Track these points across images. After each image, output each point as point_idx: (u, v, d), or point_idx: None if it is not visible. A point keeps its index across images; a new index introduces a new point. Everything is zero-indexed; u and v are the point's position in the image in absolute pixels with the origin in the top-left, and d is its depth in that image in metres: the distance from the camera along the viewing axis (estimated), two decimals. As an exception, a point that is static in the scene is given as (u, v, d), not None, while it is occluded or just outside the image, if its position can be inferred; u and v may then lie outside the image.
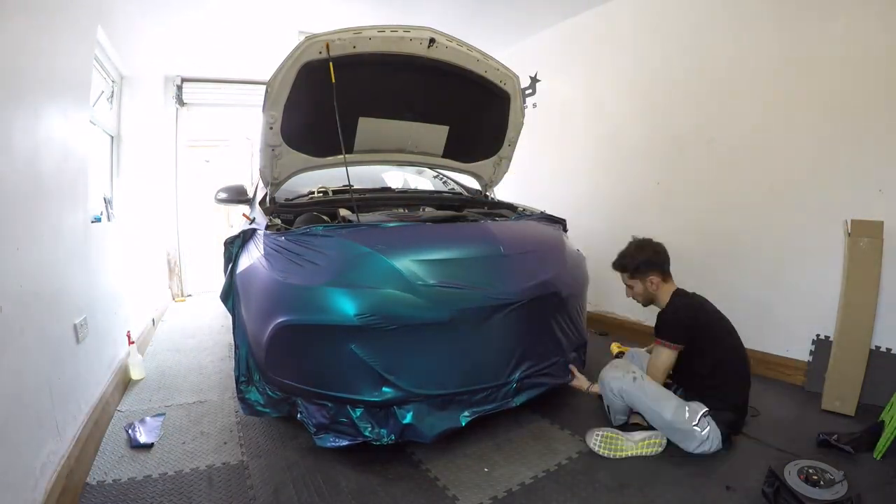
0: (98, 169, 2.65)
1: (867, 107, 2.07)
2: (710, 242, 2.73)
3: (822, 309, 2.21)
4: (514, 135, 2.66)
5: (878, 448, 1.66)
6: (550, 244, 2.13)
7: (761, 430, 1.90)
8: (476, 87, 2.34)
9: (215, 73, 4.73)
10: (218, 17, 3.35)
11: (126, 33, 2.89)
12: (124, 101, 3.01)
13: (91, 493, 1.55)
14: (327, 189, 2.47)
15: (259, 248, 1.82)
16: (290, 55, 1.81)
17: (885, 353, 2.02)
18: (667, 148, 2.93)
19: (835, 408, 2.03)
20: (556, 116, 3.79)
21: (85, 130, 2.06)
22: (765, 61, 2.41)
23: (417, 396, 1.63)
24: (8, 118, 1.31)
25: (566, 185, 3.69)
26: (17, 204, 1.35)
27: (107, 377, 2.18)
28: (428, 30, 1.99)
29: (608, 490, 1.55)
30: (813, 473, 1.36)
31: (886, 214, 1.99)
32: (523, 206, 2.70)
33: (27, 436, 1.32)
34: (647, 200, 3.07)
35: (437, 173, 3.24)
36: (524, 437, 1.88)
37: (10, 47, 1.33)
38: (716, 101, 2.66)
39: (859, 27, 2.07)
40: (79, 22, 1.96)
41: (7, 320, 1.22)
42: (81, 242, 1.93)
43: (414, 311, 1.59)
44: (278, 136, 2.00)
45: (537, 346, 1.88)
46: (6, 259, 1.26)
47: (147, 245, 3.69)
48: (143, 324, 3.14)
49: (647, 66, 3.04)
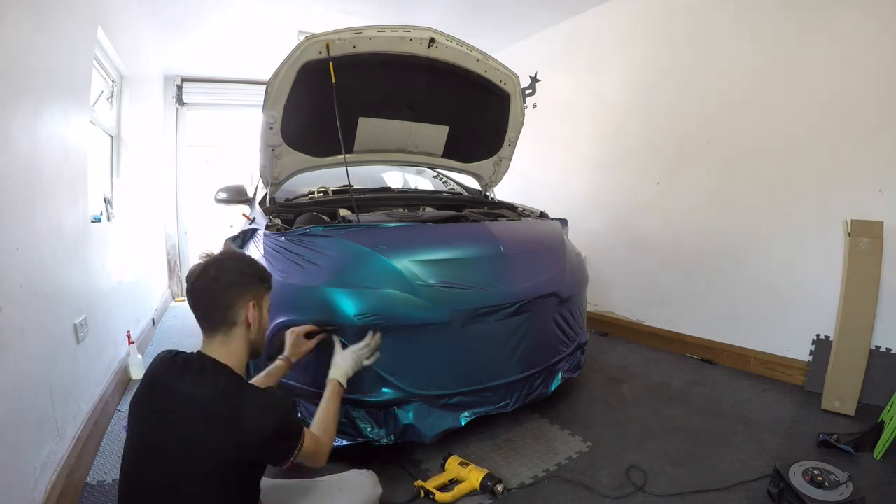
0: (98, 169, 2.64)
1: (867, 107, 2.07)
2: (710, 242, 2.73)
3: (822, 309, 2.21)
4: (514, 135, 2.66)
5: (878, 448, 1.66)
6: (550, 244, 2.13)
7: (762, 430, 1.90)
8: (476, 87, 2.34)
9: (215, 73, 4.73)
10: (218, 17, 3.35)
11: (126, 33, 2.89)
12: (124, 101, 3.01)
13: (91, 493, 1.55)
14: (327, 189, 2.46)
15: (259, 248, 1.82)
16: (290, 55, 1.81)
17: (885, 353, 2.02)
18: (667, 148, 2.93)
19: (835, 408, 2.03)
20: (556, 116, 3.79)
21: (85, 130, 2.05)
22: (765, 61, 2.41)
23: (417, 397, 1.63)
24: (8, 118, 1.31)
25: (566, 184, 3.69)
26: (18, 204, 1.35)
27: (107, 377, 2.18)
28: (428, 30, 1.99)
29: (608, 490, 1.55)
30: (818, 475, 1.36)
31: (886, 214, 2.00)
32: (523, 206, 2.70)
33: (27, 436, 1.32)
34: (647, 200, 3.07)
35: (437, 173, 3.24)
36: (524, 437, 1.88)
37: (10, 47, 1.33)
38: (716, 101, 2.66)
39: (860, 27, 2.07)
40: (79, 22, 1.96)
41: (7, 320, 1.22)
42: (81, 242, 1.93)
43: (414, 311, 1.59)
44: (278, 136, 2.00)
45: (537, 347, 1.87)
46: (6, 259, 1.26)
47: (147, 245, 3.69)
48: (143, 324, 3.14)
49: (647, 66, 3.04)
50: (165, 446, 0.95)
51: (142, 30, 3.35)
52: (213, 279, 1.08)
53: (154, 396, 1.00)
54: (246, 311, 1.09)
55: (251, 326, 1.11)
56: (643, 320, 3.14)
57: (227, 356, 1.06)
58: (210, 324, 1.08)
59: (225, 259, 1.13)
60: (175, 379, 0.99)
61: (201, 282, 1.08)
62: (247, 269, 1.15)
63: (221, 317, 1.07)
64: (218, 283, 1.08)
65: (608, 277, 3.33)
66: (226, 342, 1.08)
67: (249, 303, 1.10)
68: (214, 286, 1.08)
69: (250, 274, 1.14)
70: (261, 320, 1.14)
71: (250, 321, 1.10)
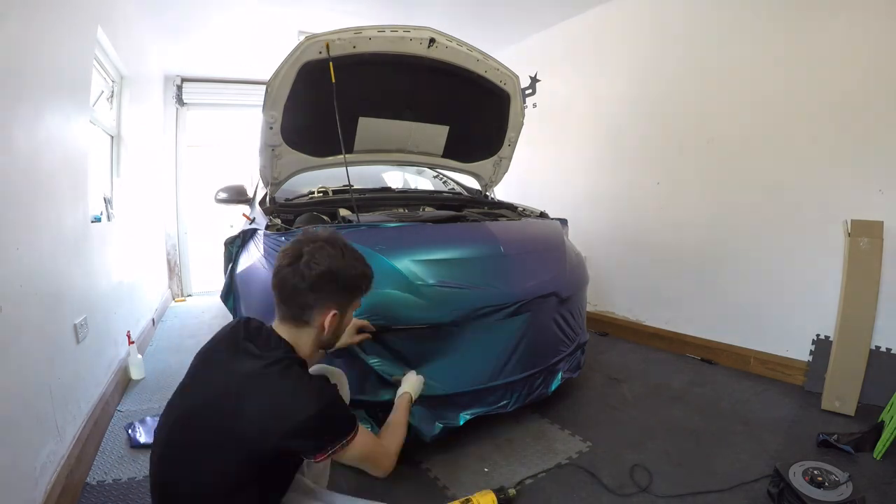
0: (98, 169, 2.64)
1: (867, 106, 2.07)
2: (710, 242, 2.73)
3: (822, 309, 2.21)
4: (514, 135, 2.66)
5: (878, 448, 1.66)
6: (551, 244, 2.13)
7: (762, 430, 1.90)
8: (476, 87, 2.34)
9: (215, 73, 4.73)
10: (218, 17, 3.35)
11: (126, 33, 2.89)
12: (124, 101, 3.01)
13: (91, 493, 1.55)
14: (327, 189, 2.47)
15: (259, 248, 1.82)
16: (290, 55, 1.81)
17: (885, 353, 2.02)
18: (667, 148, 2.93)
19: (835, 408, 2.03)
20: (556, 116, 3.79)
21: (85, 130, 2.05)
22: (765, 61, 2.41)
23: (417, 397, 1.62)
24: (8, 118, 1.31)
25: (566, 184, 3.69)
26: (18, 204, 1.35)
27: (107, 377, 2.18)
28: (428, 30, 1.99)
29: (608, 490, 1.55)
30: (818, 475, 1.36)
31: (886, 214, 1.99)
32: (523, 206, 2.70)
33: (27, 436, 1.32)
34: (647, 200, 3.07)
35: (437, 173, 3.24)
36: (524, 437, 1.88)
37: (10, 47, 1.33)
38: (716, 101, 2.66)
39: (860, 26, 2.07)
40: (79, 22, 1.96)
41: (7, 320, 1.22)
42: (81, 242, 1.93)
43: (414, 311, 1.59)
44: (278, 136, 2.00)
45: (537, 347, 1.87)
46: (6, 259, 1.26)
47: (147, 245, 3.69)
48: (143, 324, 3.14)
49: (647, 66, 3.04)
50: (198, 412, 0.91)
51: (142, 30, 3.35)
52: (300, 274, 0.98)
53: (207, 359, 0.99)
54: (324, 318, 1.02)
55: (325, 331, 1.04)
56: (643, 320, 3.14)
57: (294, 338, 1.01)
58: (284, 312, 1.03)
59: (322, 250, 1.01)
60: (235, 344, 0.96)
61: (288, 270, 0.99)
62: (341, 271, 1.02)
63: (298, 313, 1.01)
64: (303, 281, 0.98)
65: (608, 277, 3.33)
66: (294, 332, 1.02)
67: (331, 312, 1.02)
68: (299, 282, 0.99)
69: (346, 283, 1.04)
70: (339, 327, 1.07)
71: (325, 327, 1.03)
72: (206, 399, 0.92)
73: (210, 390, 0.93)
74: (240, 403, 0.88)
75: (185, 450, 0.91)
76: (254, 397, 0.89)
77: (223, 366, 0.95)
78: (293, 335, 1.02)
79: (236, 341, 0.97)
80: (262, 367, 0.91)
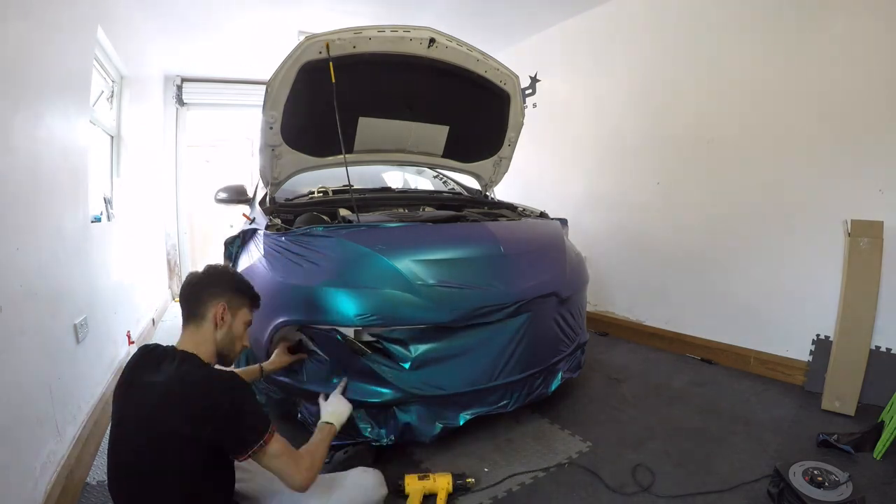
0: (98, 169, 2.65)
1: (867, 106, 2.07)
2: (710, 242, 2.73)
3: (822, 309, 2.21)
4: (514, 135, 2.66)
5: (878, 448, 1.66)
6: (550, 244, 2.13)
7: (762, 430, 1.90)
8: (476, 87, 2.34)
9: (215, 73, 4.73)
10: (218, 17, 3.35)
11: (126, 33, 2.89)
12: (124, 101, 3.01)
13: (91, 493, 1.55)
14: (327, 189, 2.46)
15: (259, 248, 1.82)
16: (290, 55, 1.81)
17: (885, 353, 2.02)
18: (667, 148, 2.93)
19: (835, 408, 2.03)
20: (556, 116, 3.79)
21: (85, 130, 2.06)
22: (765, 61, 2.41)
23: (417, 397, 1.62)
24: (8, 118, 1.31)
25: (566, 184, 3.69)
26: (18, 204, 1.35)
27: (107, 377, 2.18)
28: (428, 30, 1.99)
29: (608, 490, 1.55)
30: (818, 475, 1.36)
31: (886, 214, 1.99)
32: (523, 206, 2.70)
33: (27, 436, 1.32)
34: (647, 200, 3.07)
35: (437, 173, 3.24)
36: (524, 437, 1.88)
37: (11, 47, 1.33)
38: (715, 102, 2.66)
39: (860, 26, 2.07)
40: (79, 22, 1.96)
41: (7, 320, 1.22)
42: (81, 242, 1.93)
43: (414, 311, 1.59)
44: (278, 136, 2.00)
45: (537, 347, 1.87)
46: (6, 259, 1.26)
47: (147, 245, 3.69)
48: (143, 324, 3.14)
49: (647, 66, 3.04)
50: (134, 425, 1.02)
51: (142, 30, 3.35)
52: (199, 279, 1.23)
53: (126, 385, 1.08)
54: (216, 311, 1.18)
55: (218, 327, 1.19)
56: (643, 320, 3.14)
57: (194, 346, 1.14)
58: (185, 315, 1.19)
59: (219, 267, 1.29)
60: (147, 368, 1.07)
61: (191, 278, 1.23)
62: (232, 280, 1.27)
63: (194, 310, 1.18)
64: (200, 283, 1.22)
65: (608, 277, 3.33)
66: (194, 334, 1.17)
67: (221, 303, 1.19)
68: (197, 283, 1.22)
69: (233, 284, 1.26)
70: (231, 326, 1.21)
71: (217, 321, 1.18)
72: (139, 417, 1.01)
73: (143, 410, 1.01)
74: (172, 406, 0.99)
75: (142, 472, 1.00)
76: (176, 395, 1.00)
77: (143, 384, 1.04)
78: (193, 340, 1.16)
79: (147, 363, 1.09)
80: (174, 371, 1.03)
